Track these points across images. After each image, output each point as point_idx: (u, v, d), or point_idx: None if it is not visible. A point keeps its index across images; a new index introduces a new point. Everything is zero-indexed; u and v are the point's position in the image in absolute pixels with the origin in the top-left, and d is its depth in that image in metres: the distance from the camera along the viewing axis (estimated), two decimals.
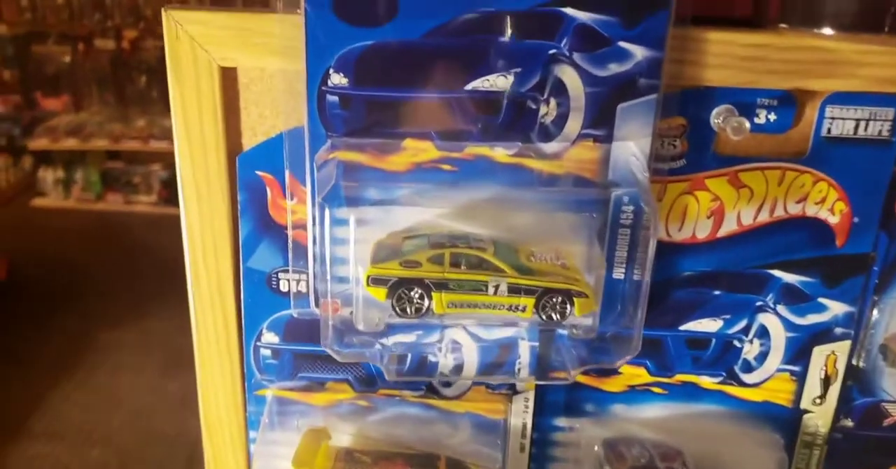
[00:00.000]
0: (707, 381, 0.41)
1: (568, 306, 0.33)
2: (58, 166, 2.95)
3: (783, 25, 0.35)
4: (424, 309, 0.33)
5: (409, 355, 0.40)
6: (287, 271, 0.39)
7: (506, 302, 0.33)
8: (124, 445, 1.77)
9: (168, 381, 1.98)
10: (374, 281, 0.33)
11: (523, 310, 0.33)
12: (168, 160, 2.91)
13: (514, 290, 0.33)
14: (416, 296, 0.33)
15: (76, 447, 1.76)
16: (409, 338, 0.39)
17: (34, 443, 1.76)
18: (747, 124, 0.35)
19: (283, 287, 0.39)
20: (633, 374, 0.41)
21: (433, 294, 0.33)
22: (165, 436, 1.80)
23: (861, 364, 0.40)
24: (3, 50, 2.95)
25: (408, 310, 0.33)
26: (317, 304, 0.38)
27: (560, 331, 0.36)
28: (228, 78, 0.37)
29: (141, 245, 2.69)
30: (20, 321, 2.18)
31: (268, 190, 0.38)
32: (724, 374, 0.41)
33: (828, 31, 0.33)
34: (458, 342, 0.39)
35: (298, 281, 0.39)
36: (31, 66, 2.99)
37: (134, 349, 2.11)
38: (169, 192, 2.92)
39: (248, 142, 0.38)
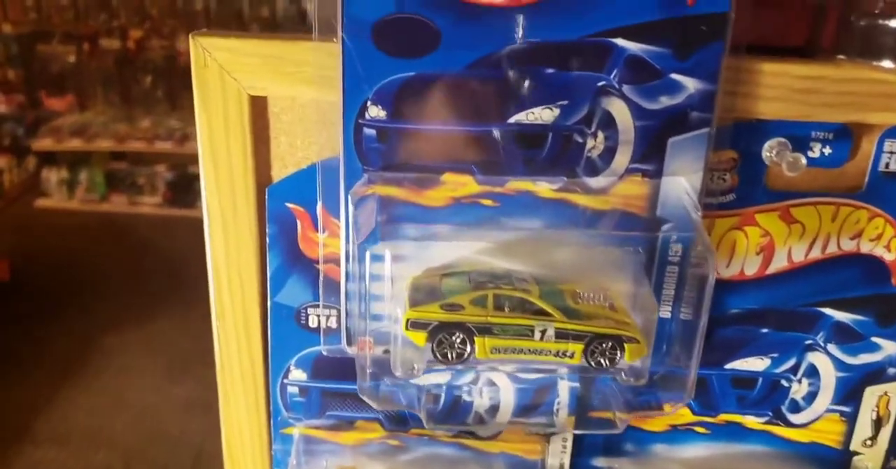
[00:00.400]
0: (752, 421, 0.39)
1: (618, 352, 0.32)
2: (62, 167, 2.93)
3: (841, 56, 0.33)
4: (466, 355, 0.31)
5: (443, 394, 0.38)
6: (317, 306, 0.37)
7: (553, 348, 0.31)
8: (129, 448, 1.76)
9: (173, 383, 1.97)
10: (414, 325, 0.31)
11: (571, 356, 0.32)
12: (173, 161, 2.90)
13: (561, 335, 0.31)
14: (458, 341, 0.31)
15: (81, 450, 1.75)
16: (443, 377, 0.37)
17: (39, 447, 1.74)
18: (804, 160, 0.33)
19: (313, 323, 0.37)
20: (676, 413, 0.39)
21: (476, 339, 0.31)
22: (171, 438, 1.78)
23: None
24: (8, 49, 2.93)
25: (449, 355, 0.32)
26: (349, 342, 0.36)
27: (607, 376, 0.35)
28: (258, 107, 0.35)
29: (145, 246, 2.68)
30: (24, 323, 2.17)
31: (298, 223, 0.36)
32: (770, 413, 0.39)
33: (888, 63, 0.32)
34: (495, 382, 0.37)
35: (328, 317, 0.37)
36: (36, 66, 2.97)
37: (139, 351, 2.09)
38: (174, 193, 2.90)
39: (278, 173, 0.36)
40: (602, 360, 0.32)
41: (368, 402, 0.34)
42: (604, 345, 0.32)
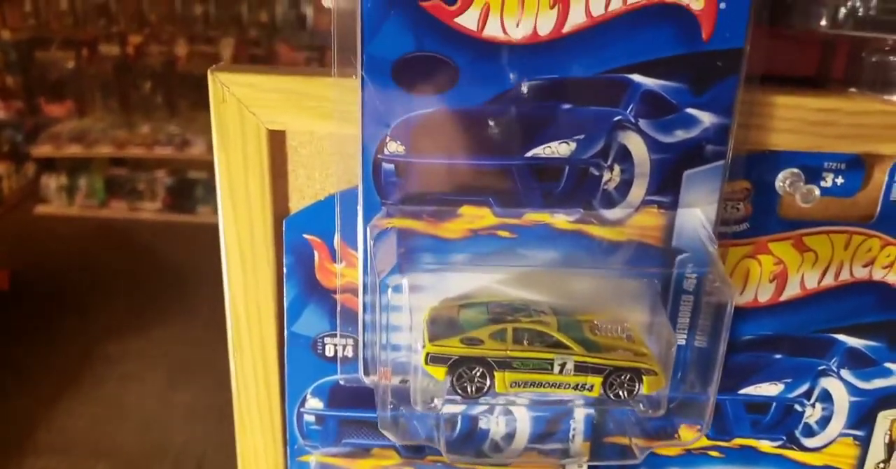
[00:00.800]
0: (766, 446, 0.40)
1: (636, 384, 0.32)
2: (61, 173, 2.93)
3: (852, 89, 0.34)
4: (486, 388, 0.32)
5: (460, 422, 0.38)
6: (333, 336, 0.37)
7: (572, 381, 0.32)
8: (131, 457, 1.76)
9: (174, 391, 1.97)
10: (434, 359, 0.32)
11: (590, 389, 0.32)
12: (173, 166, 2.90)
13: (581, 368, 0.32)
14: (478, 375, 0.32)
15: (82, 460, 1.75)
16: (460, 406, 0.37)
17: (40, 457, 1.74)
18: (817, 192, 0.34)
19: (329, 352, 0.38)
20: (689, 437, 0.40)
21: (496, 373, 0.32)
22: (173, 447, 1.78)
23: None
24: (7, 56, 2.93)
25: (468, 389, 0.32)
26: (366, 372, 0.36)
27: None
28: (276, 141, 0.35)
29: (146, 252, 2.67)
30: (23, 331, 2.16)
31: (315, 253, 0.36)
32: (784, 438, 0.40)
33: None
34: (511, 410, 0.38)
35: (345, 346, 0.37)
36: (35, 72, 2.97)
37: (140, 359, 2.09)
38: (174, 198, 2.90)
39: (296, 205, 0.37)
40: (621, 393, 0.32)
41: (388, 435, 0.34)
42: (622, 377, 0.32)
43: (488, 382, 0.32)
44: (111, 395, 1.96)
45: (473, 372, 0.32)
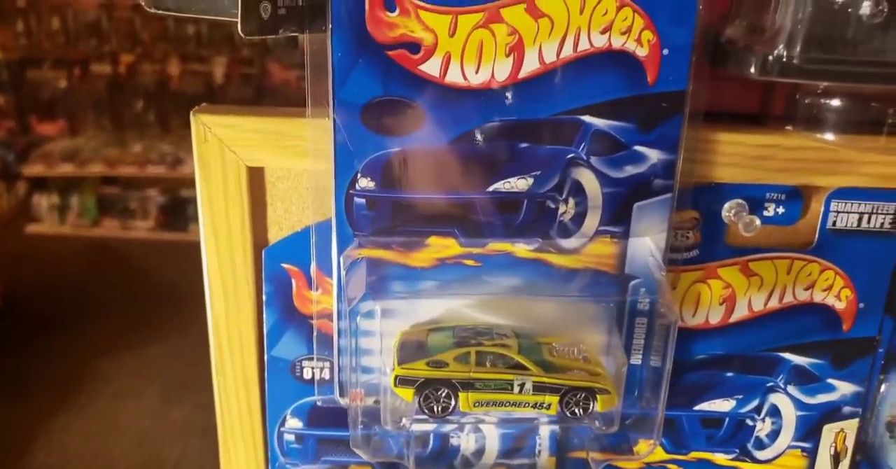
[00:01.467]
0: (721, 458, 0.42)
1: (591, 403, 0.34)
2: (53, 192, 2.94)
3: (788, 127, 0.37)
4: (451, 408, 0.34)
5: (431, 439, 0.41)
6: (311, 359, 0.40)
7: (531, 400, 0.34)
8: None
9: (169, 407, 1.97)
10: (402, 381, 0.34)
11: (548, 407, 0.34)
12: (165, 185, 2.92)
13: (539, 388, 0.34)
14: (443, 395, 0.34)
15: None
16: (431, 424, 0.39)
17: None
18: (758, 222, 0.36)
19: (307, 375, 0.40)
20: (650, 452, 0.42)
21: (460, 394, 0.34)
22: (169, 462, 1.79)
23: (869, 440, 0.42)
24: None
25: (435, 409, 0.34)
26: (341, 394, 0.39)
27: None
28: (256, 177, 0.38)
29: (138, 270, 2.68)
30: (17, 350, 2.17)
31: (293, 281, 0.39)
32: (737, 451, 0.42)
33: (829, 136, 0.35)
34: (480, 427, 0.40)
35: (322, 369, 0.40)
36: (27, 91, 2.99)
37: (133, 376, 2.10)
38: (166, 217, 2.91)
39: (274, 236, 0.39)
40: (577, 410, 0.34)
41: (359, 453, 0.36)
42: (578, 396, 0.34)
43: (453, 402, 0.34)
44: (106, 411, 1.96)
45: (439, 393, 0.34)
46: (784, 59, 0.32)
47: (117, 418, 1.93)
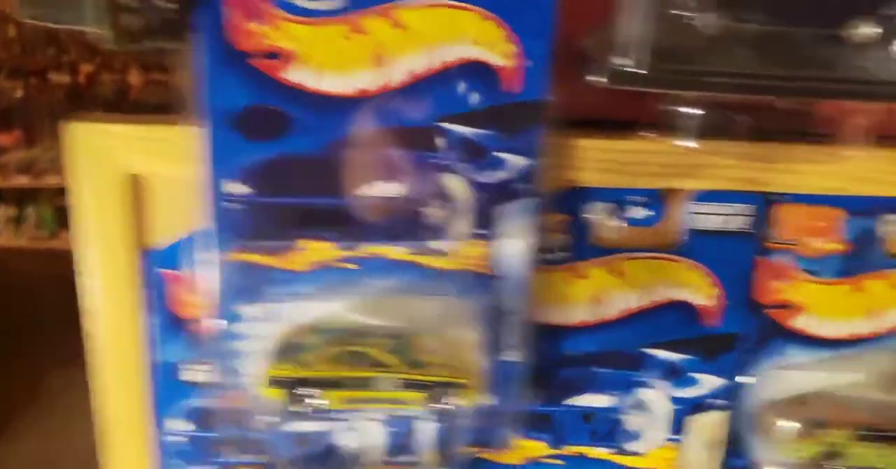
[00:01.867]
0: (598, 452, 0.44)
1: (458, 398, 0.36)
2: (9, 204, 2.86)
3: (652, 134, 0.39)
4: (322, 407, 0.35)
5: (317, 439, 0.41)
6: (194, 362, 0.40)
7: (398, 396, 0.35)
8: None
9: None
10: (274, 382, 0.35)
11: (416, 403, 0.35)
12: None
13: (407, 385, 0.35)
14: (313, 395, 0.35)
15: None
16: (317, 424, 0.40)
17: None
18: (622, 223, 0.38)
19: (190, 377, 0.41)
20: (531, 447, 0.44)
21: (328, 393, 0.35)
22: None
23: (737, 432, 0.44)
24: None
25: (306, 408, 0.35)
26: (223, 396, 0.39)
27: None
28: (133, 184, 0.38)
29: None
30: None
31: (174, 287, 0.39)
32: (614, 445, 0.44)
33: (690, 142, 0.37)
34: (364, 424, 0.41)
35: (205, 372, 0.40)
36: None
37: (87, 390, 2.05)
38: None
39: (154, 242, 0.39)
40: (445, 406, 0.36)
41: (241, 454, 0.37)
42: (445, 391, 0.36)
43: (323, 401, 0.35)
44: (58, 427, 1.92)
45: (309, 392, 0.35)
46: (631, 69, 0.34)
47: (69, 435, 1.88)
